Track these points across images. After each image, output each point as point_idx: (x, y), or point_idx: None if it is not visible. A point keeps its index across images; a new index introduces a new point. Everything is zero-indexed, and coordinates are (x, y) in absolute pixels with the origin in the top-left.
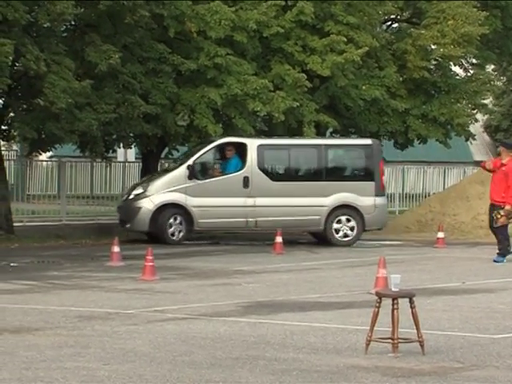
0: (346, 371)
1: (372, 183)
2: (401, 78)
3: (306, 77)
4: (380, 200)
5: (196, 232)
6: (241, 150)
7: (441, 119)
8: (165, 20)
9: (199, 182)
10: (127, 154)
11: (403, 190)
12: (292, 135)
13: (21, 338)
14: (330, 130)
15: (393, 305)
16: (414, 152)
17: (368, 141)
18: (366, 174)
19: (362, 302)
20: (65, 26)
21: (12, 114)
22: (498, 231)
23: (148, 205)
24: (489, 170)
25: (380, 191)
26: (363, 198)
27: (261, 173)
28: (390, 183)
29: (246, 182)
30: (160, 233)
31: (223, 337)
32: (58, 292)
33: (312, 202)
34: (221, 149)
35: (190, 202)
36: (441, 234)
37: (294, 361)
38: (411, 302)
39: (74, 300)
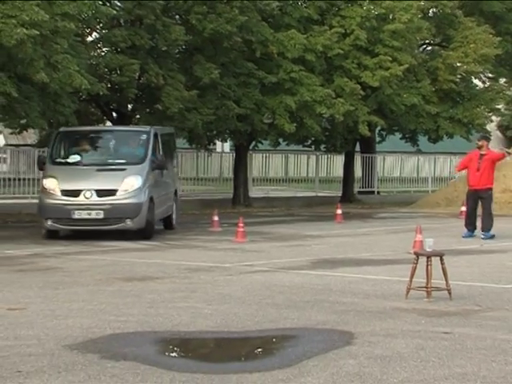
0: (391, 312)
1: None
2: (433, 89)
3: (360, 87)
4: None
5: None
6: None
7: (464, 120)
8: (253, 44)
9: None
10: (223, 147)
11: (434, 173)
12: (348, 132)
13: (145, 285)
14: (379, 128)
15: (427, 261)
16: (444, 145)
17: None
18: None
19: (404, 259)
20: (178, 49)
21: (138, 116)
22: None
23: None
24: (462, 169)
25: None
26: None
27: None
28: (424, 169)
29: None
30: None
31: (297, 285)
32: (172, 250)
33: None
34: None
35: None
36: (464, 208)
37: (351, 304)
38: (441, 259)
39: (185, 256)
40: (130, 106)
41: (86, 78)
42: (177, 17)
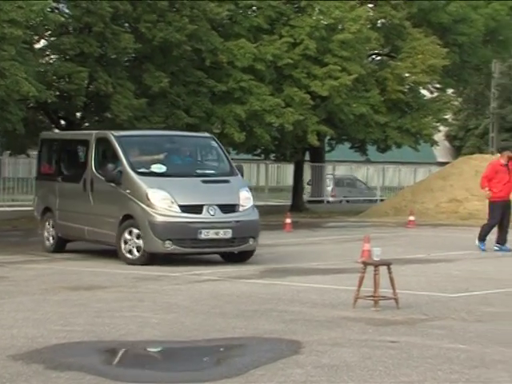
0: (339, 321)
1: None
2: (382, 99)
3: (309, 97)
4: None
5: None
6: None
7: (412, 130)
8: (203, 53)
9: None
10: None
11: (383, 183)
12: (298, 142)
13: (92, 294)
14: (328, 137)
15: (375, 271)
16: (393, 155)
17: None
18: None
19: (351, 268)
20: (127, 57)
21: (87, 124)
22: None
23: None
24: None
25: None
26: None
27: None
28: (373, 178)
29: None
30: None
31: (245, 294)
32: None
33: None
34: None
35: None
36: (411, 218)
37: (299, 313)
38: (389, 268)
39: (132, 265)
40: (78, 114)
41: (34, 85)
42: (126, 25)
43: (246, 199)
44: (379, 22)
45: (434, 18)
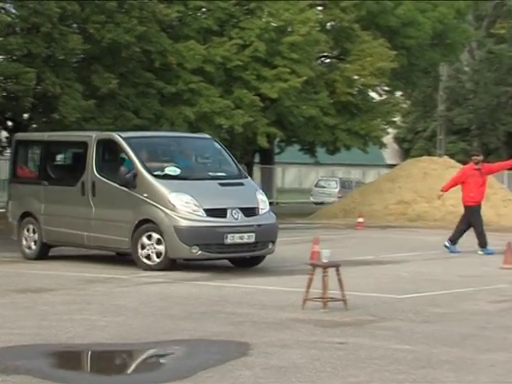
0: (288, 322)
1: None
2: (331, 101)
3: (259, 98)
4: None
5: None
6: None
7: (361, 132)
8: (152, 54)
9: None
10: None
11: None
12: (248, 143)
13: (39, 296)
14: (278, 139)
15: (323, 272)
16: (342, 157)
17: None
18: None
19: (301, 270)
20: (75, 58)
21: (34, 126)
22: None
23: None
24: (451, 186)
25: None
26: None
27: None
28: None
29: None
30: None
31: (194, 296)
32: (66, 261)
33: None
34: None
35: None
36: (360, 219)
37: (247, 315)
38: (337, 270)
39: (81, 268)
40: (26, 115)
41: None
42: (74, 25)
43: (263, 202)
44: (328, 24)
45: (382, 21)
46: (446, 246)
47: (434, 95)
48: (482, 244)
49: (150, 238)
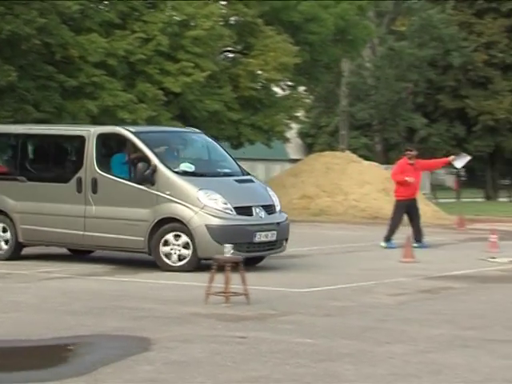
0: (190, 317)
1: None
2: (235, 95)
3: (162, 93)
4: None
5: None
6: None
7: (264, 127)
8: (53, 47)
9: None
10: None
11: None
12: None
13: None
14: None
15: (225, 267)
16: (246, 151)
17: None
18: None
19: (204, 265)
20: None
21: None
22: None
23: None
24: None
25: None
26: None
27: None
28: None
29: None
30: None
31: (95, 291)
32: None
33: None
34: None
35: None
36: None
37: (149, 310)
38: (239, 265)
39: None
40: None
41: None
42: None
43: (276, 199)
44: (232, 19)
45: (285, 17)
46: (415, 247)
47: (336, 91)
48: (388, 237)
49: (176, 237)
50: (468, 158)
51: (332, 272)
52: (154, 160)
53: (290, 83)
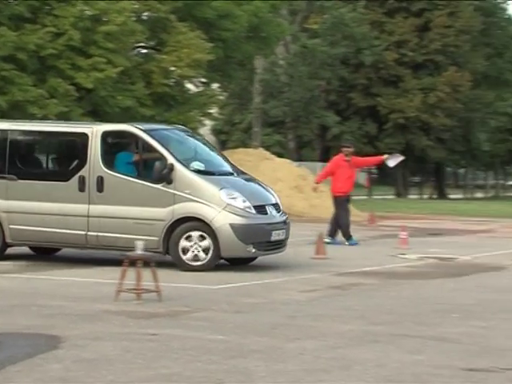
0: (100, 314)
1: None
2: (148, 92)
3: (74, 88)
4: None
5: None
6: None
7: (178, 124)
8: None
9: None
10: None
11: None
12: None
13: None
14: None
15: (136, 264)
16: None
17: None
18: None
19: (116, 261)
20: None
21: None
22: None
23: None
24: (324, 177)
25: None
26: None
27: None
28: None
29: None
30: None
31: (3, 289)
32: None
33: None
34: None
35: None
36: None
37: (59, 307)
38: (150, 262)
39: None
40: None
41: None
42: None
43: (278, 198)
44: (144, 14)
45: (198, 13)
46: (328, 243)
47: (250, 88)
48: (346, 235)
49: (196, 236)
50: (401, 158)
51: (244, 268)
52: (170, 158)
53: (203, 80)
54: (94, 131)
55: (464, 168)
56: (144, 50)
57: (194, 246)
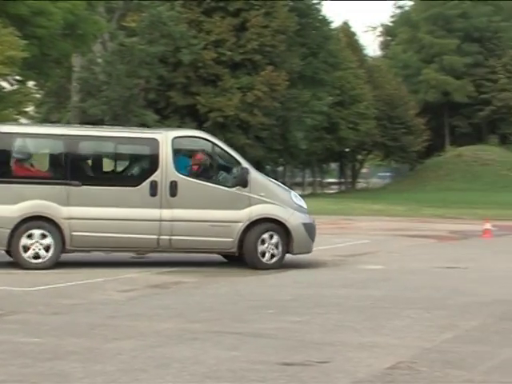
0: None
1: None
2: None
3: None
4: None
5: None
6: None
7: None
8: None
9: None
10: None
11: None
12: None
13: None
14: None
15: None
16: None
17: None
18: None
19: None
20: None
21: None
22: None
23: None
24: None
25: None
26: None
27: None
28: None
29: None
30: None
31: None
32: None
33: None
34: None
35: None
36: None
37: None
38: None
39: None
40: None
41: None
42: None
43: None
44: None
45: (12, 10)
46: None
47: (67, 86)
48: None
49: (270, 237)
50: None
51: (64, 270)
52: (244, 163)
53: (18, 78)
54: (164, 137)
55: (282, 166)
56: None
57: (268, 246)
